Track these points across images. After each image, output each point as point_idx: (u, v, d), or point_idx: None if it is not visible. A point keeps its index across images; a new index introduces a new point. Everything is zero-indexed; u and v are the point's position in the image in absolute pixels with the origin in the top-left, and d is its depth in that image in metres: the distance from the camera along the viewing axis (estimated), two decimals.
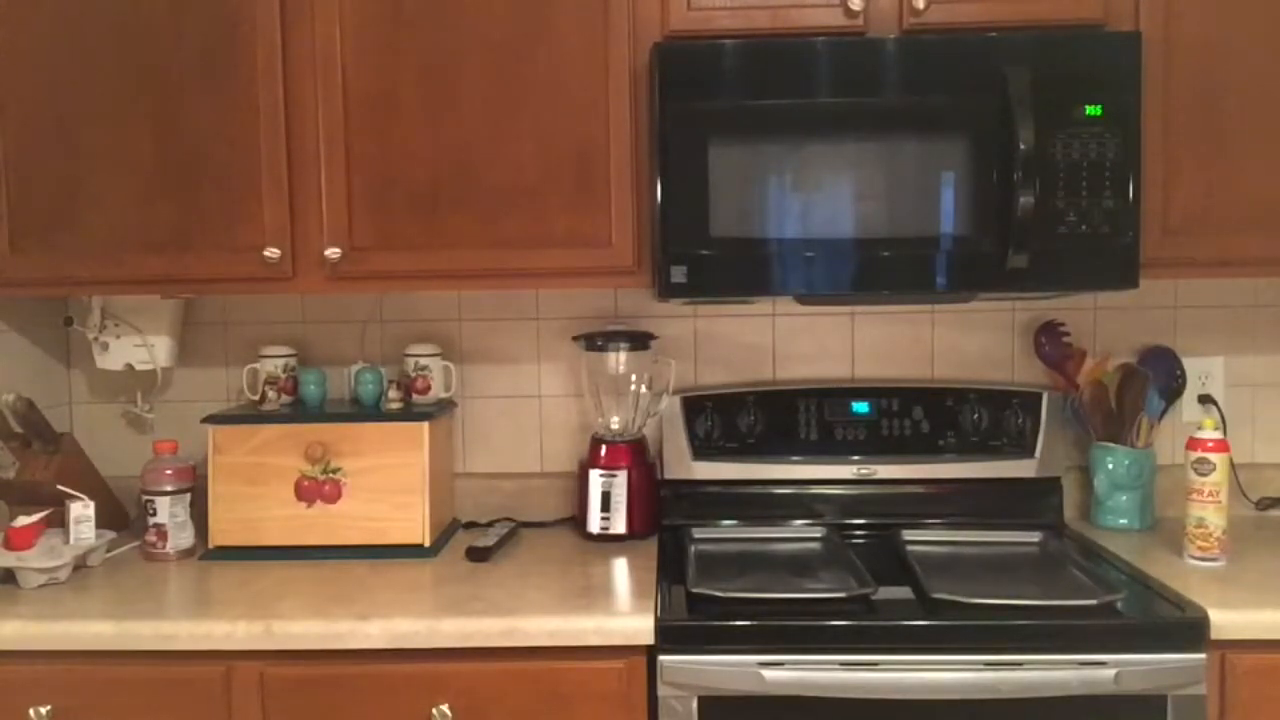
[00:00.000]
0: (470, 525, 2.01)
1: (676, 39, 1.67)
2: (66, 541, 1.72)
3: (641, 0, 1.68)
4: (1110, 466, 1.89)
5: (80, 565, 1.71)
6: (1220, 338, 2.03)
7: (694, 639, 1.45)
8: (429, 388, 1.94)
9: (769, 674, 1.42)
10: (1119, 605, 1.47)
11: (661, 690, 1.45)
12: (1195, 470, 1.65)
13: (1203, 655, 1.42)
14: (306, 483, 1.81)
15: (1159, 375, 1.95)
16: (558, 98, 1.69)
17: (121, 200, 1.72)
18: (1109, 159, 1.60)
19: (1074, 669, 1.42)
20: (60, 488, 1.76)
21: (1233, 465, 1.99)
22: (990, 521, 1.90)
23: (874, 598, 1.51)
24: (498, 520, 1.97)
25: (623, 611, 1.49)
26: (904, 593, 1.55)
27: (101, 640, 1.47)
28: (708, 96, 1.61)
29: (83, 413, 2.10)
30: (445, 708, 1.46)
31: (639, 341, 1.92)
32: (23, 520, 1.67)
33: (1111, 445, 1.90)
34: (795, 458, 1.95)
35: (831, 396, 1.96)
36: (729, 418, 1.95)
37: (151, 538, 1.79)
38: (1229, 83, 1.66)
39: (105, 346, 1.96)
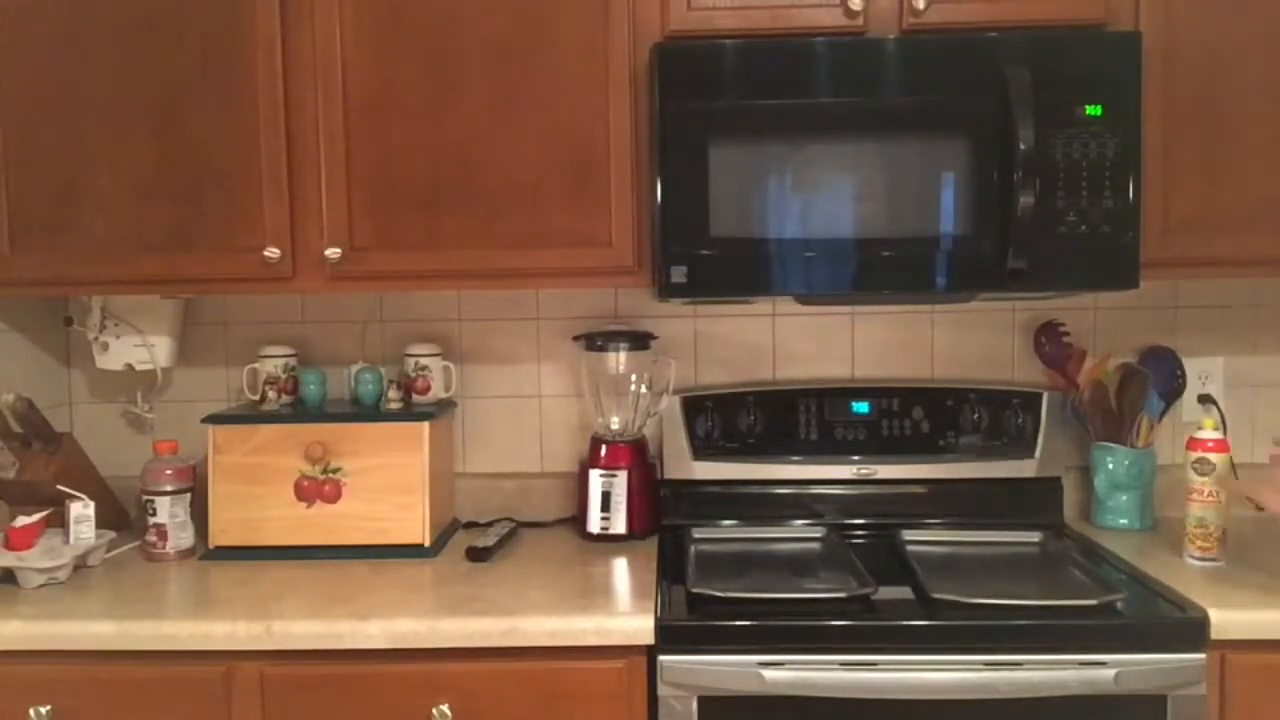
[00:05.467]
0: (470, 525, 2.01)
1: (676, 39, 1.67)
2: (66, 541, 1.72)
3: (641, 0, 1.68)
4: (1110, 466, 1.89)
5: (80, 565, 1.71)
6: (1220, 338, 2.03)
7: (694, 639, 1.45)
8: (429, 388, 1.94)
9: (769, 674, 1.42)
10: (1119, 605, 1.47)
11: (661, 690, 1.45)
12: (1195, 470, 1.65)
13: (1203, 655, 1.42)
14: (306, 483, 1.81)
15: (1159, 375, 1.95)
16: (558, 98, 1.69)
17: (121, 200, 1.72)
18: (1109, 159, 1.60)
19: (1074, 669, 1.42)
20: (60, 488, 1.76)
21: (1233, 465, 1.99)
22: (990, 521, 1.90)
23: (874, 598, 1.51)
24: (498, 520, 1.97)
25: (623, 611, 1.49)
26: (904, 593, 1.56)
27: (101, 640, 1.47)
28: (708, 96, 1.61)
29: (83, 413, 2.10)
30: (445, 708, 1.46)
31: (639, 341, 1.92)
32: (23, 520, 1.67)
33: (1111, 445, 1.90)
34: (795, 458, 1.95)
35: (831, 396, 1.96)
36: (729, 418, 1.95)
37: (151, 538, 1.79)
38: (1229, 82, 1.66)
39: (105, 346, 1.96)
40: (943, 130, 1.60)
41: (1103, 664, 1.41)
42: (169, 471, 1.80)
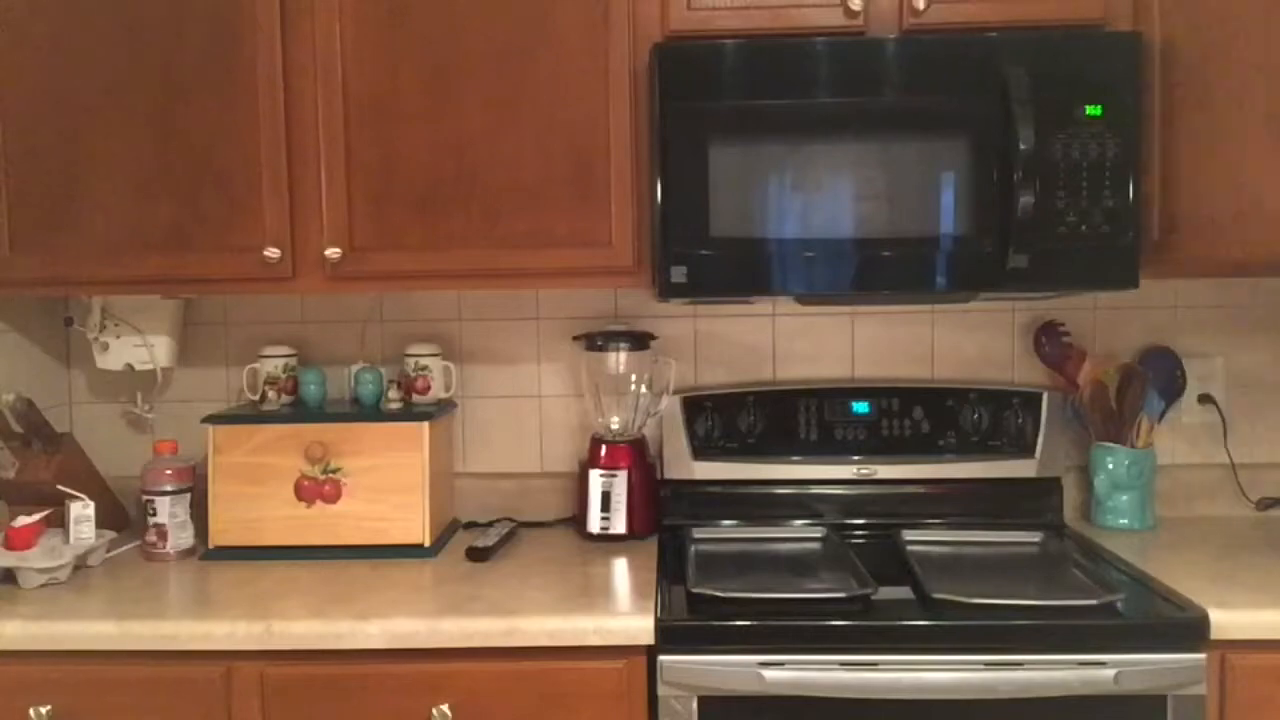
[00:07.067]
0: (470, 525, 2.01)
1: (676, 39, 1.67)
2: (66, 541, 1.72)
3: (641, 0, 1.68)
4: (1110, 466, 1.89)
5: (80, 565, 1.71)
6: (1220, 338, 2.03)
7: (694, 639, 1.45)
8: (429, 388, 1.94)
9: (769, 674, 1.42)
10: (1119, 605, 1.47)
11: (661, 690, 1.45)
12: None
13: (1203, 655, 1.42)
14: (306, 483, 1.81)
15: (1159, 375, 1.95)
16: (558, 98, 1.69)
17: (122, 200, 1.72)
18: (1109, 159, 1.60)
19: (1074, 669, 1.42)
20: (60, 488, 1.76)
21: (1233, 465, 2.00)
22: (990, 521, 1.90)
23: (874, 598, 1.51)
24: (498, 520, 1.97)
25: (623, 611, 1.49)
26: (904, 593, 1.55)
27: (102, 640, 1.47)
28: (708, 97, 1.61)
29: (83, 413, 2.10)
30: (445, 708, 1.46)
31: (639, 341, 1.92)
32: (23, 520, 1.67)
33: (1111, 445, 1.90)
34: (795, 458, 1.95)
35: (831, 396, 1.96)
36: (729, 418, 1.95)
37: (151, 538, 1.79)
38: (1229, 82, 1.66)
39: (105, 346, 1.96)
40: (943, 130, 1.60)
41: (1103, 664, 1.41)
42: (169, 471, 1.80)
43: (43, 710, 1.47)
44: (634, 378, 1.94)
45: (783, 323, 2.05)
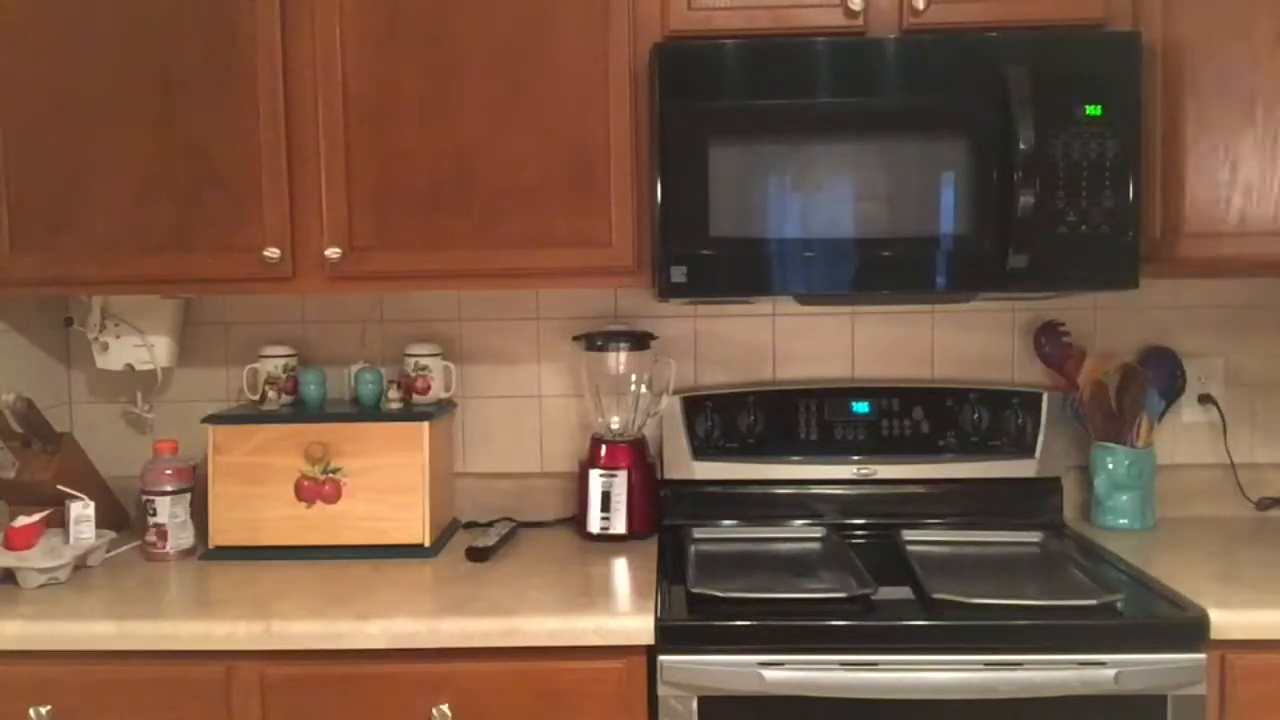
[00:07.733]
0: (470, 525, 2.01)
1: (676, 39, 1.67)
2: (66, 541, 1.72)
3: (641, 0, 1.68)
4: (1110, 466, 1.89)
5: (80, 565, 1.71)
6: (1220, 338, 2.03)
7: (694, 639, 1.45)
8: (429, 388, 1.94)
9: (769, 674, 1.42)
10: (1119, 605, 1.47)
11: (661, 690, 1.45)
12: None
13: (1203, 655, 1.42)
14: (306, 483, 1.81)
15: (1159, 375, 1.95)
16: (558, 98, 1.69)
17: (122, 200, 1.72)
18: (1109, 159, 1.60)
19: (1074, 669, 1.42)
20: (60, 488, 1.76)
21: (1233, 465, 2.00)
22: (990, 521, 1.90)
23: (874, 598, 1.51)
24: (498, 520, 1.97)
25: (622, 611, 1.49)
26: (904, 593, 1.55)
27: (102, 640, 1.47)
28: (708, 97, 1.61)
29: (83, 413, 2.10)
30: (445, 708, 1.46)
31: (639, 341, 1.92)
32: (23, 520, 1.67)
33: (1111, 445, 1.89)
34: (795, 458, 1.95)
35: (831, 396, 1.96)
36: (729, 418, 1.95)
37: (151, 538, 1.79)
38: (1230, 81, 1.66)
39: (105, 346, 1.96)
40: (943, 130, 1.60)
41: (1103, 664, 1.41)
42: (169, 471, 1.80)
43: (43, 710, 1.47)
44: (634, 378, 1.94)
45: (783, 323, 2.05)
